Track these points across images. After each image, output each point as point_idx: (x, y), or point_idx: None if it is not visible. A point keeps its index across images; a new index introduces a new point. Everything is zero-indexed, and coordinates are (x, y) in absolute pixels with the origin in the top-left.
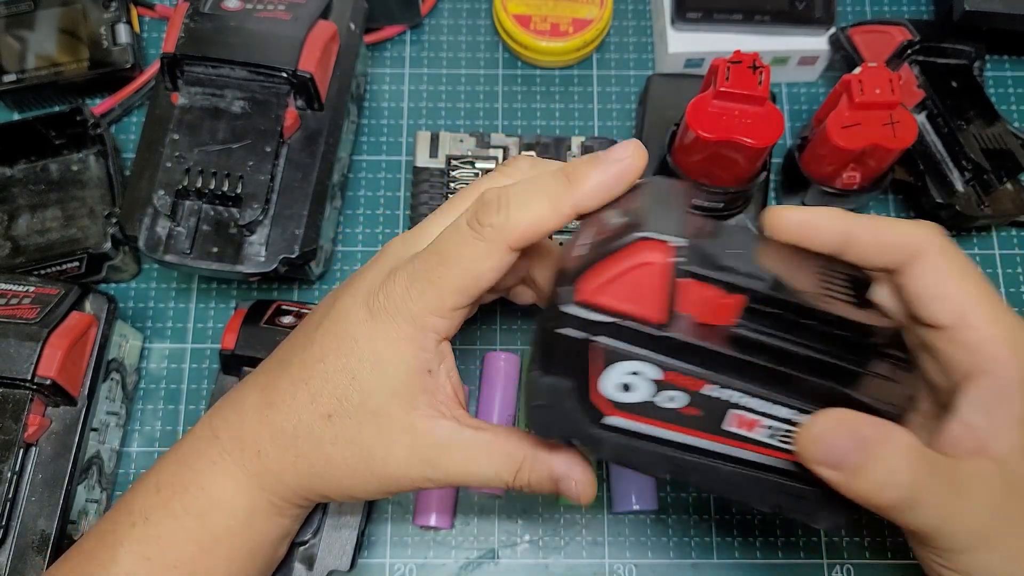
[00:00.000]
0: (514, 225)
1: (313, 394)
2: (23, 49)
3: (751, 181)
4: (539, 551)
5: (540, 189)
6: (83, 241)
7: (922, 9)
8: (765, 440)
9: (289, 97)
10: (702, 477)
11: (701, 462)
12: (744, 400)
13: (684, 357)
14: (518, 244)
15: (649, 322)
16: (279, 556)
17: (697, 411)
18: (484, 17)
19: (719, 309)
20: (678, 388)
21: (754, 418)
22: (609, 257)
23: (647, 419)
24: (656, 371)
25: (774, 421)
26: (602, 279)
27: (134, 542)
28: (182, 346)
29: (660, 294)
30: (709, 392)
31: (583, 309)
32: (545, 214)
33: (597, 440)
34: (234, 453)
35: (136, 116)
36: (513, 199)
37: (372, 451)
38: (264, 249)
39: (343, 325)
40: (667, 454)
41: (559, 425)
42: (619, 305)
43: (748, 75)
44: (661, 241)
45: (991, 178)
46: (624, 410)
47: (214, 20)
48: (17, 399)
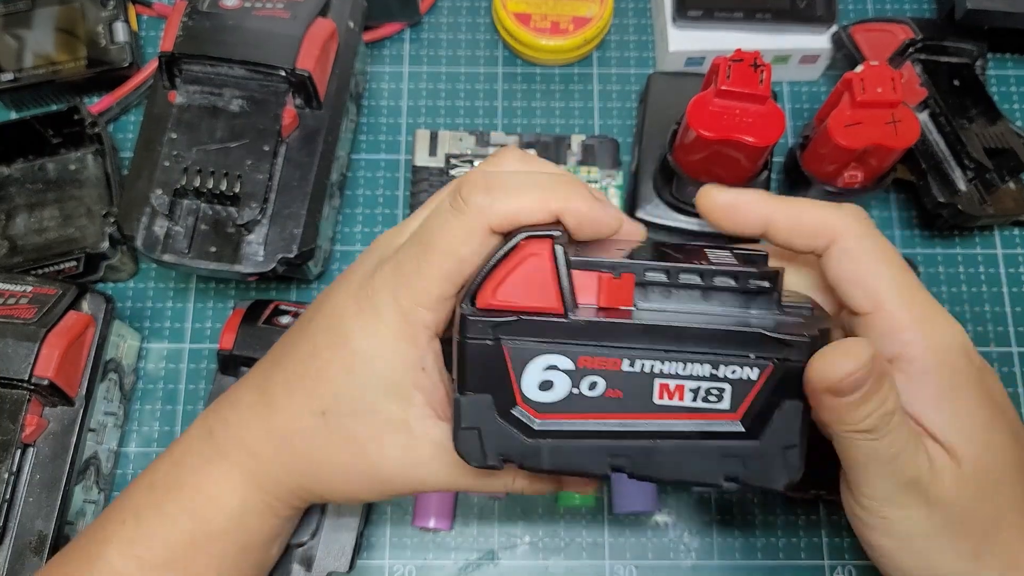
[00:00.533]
0: (499, 208)
1: (308, 391)
2: (20, 48)
3: (752, 180)
4: (539, 552)
5: (528, 182)
6: (81, 240)
7: (924, 7)
8: (698, 404)
9: (287, 96)
10: (647, 461)
11: (642, 446)
12: (664, 367)
13: (591, 339)
14: (500, 227)
15: (549, 312)
16: (273, 557)
17: (620, 393)
18: (484, 15)
19: (614, 291)
20: (595, 372)
21: (679, 383)
22: (501, 262)
23: (576, 414)
24: (568, 361)
25: (699, 382)
26: (496, 281)
27: (124, 541)
28: (180, 346)
29: (553, 284)
30: (627, 369)
31: (485, 314)
32: (531, 205)
33: (535, 451)
34: (229, 452)
35: (134, 115)
36: (503, 183)
37: (366, 450)
38: (262, 249)
39: (335, 320)
40: (606, 446)
41: (492, 445)
42: (517, 301)
43: (749, 73)
44: (545, 237)
45: (993, 177)
46: (551, 411)
47: (212, 18)
48: (14, 399)
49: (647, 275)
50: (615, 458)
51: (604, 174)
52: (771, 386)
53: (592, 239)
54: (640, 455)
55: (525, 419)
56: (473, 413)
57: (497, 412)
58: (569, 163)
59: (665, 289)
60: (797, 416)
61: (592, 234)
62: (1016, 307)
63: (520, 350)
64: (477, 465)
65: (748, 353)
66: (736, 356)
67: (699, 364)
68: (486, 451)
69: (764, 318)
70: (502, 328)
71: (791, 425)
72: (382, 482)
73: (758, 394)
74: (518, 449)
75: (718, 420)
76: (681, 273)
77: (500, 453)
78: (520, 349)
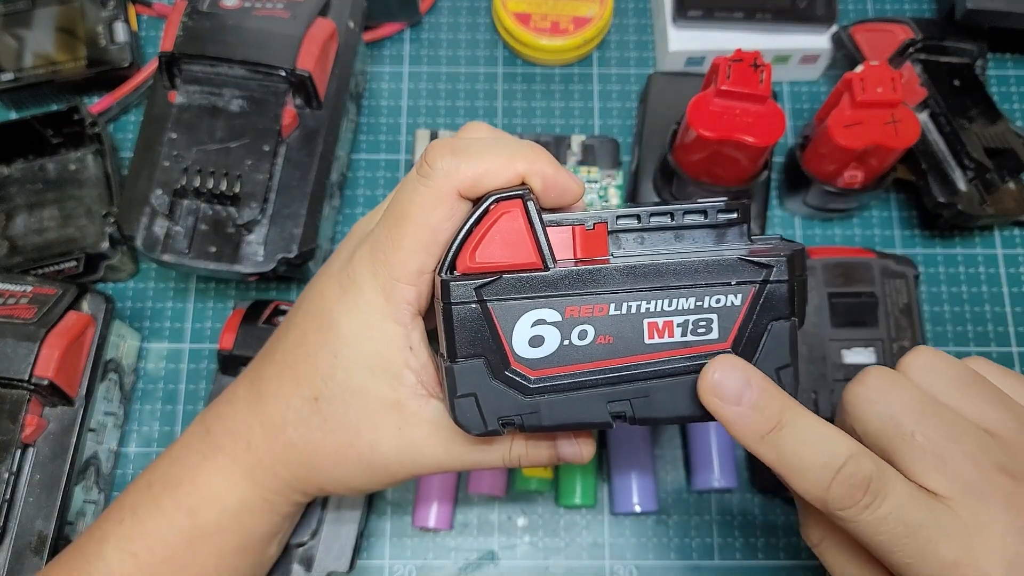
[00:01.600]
0: (466, 170)
1: (298, 378)
2: (20, 48)
3: (752, 180)
4: (539, 552)
5: (493, 146)
6: (81, 240)
7: (924, 7)
8: (688, 339)
9: (287, 95)
10: (646, 403)
11: (639, 388)
12: (650, 306)
13: (575, 288)
14: (468, 190)
15: (530, 267)
16: (271, 557)
17: (611, 338)
18: (484, 15)
19: (589, 242)
20: (584, 320)
21: (667, 320)
22: (474, 227)
23: (570, 365)
24: (556, 313)
25: (686, 315)
26: (473, 244)
27: (122, 538)
28: (180, 346)
29: (529, 239)
30: (615, 313)
31: (467, 279)
32: (497, 165)
33: (535, 409)
34: (226, 448)
35: (134, 115)
36: (468, 147)
37: (360, 434)
38: (262, 248)
39: (319, 306)
40: (603, 393)
41: (491, 409)
42: (496, 260)
43: (749, 73)
44: (515, 197)
45: (993, 177)
46: (545, 365)
47: (212, 18)
48: (14, 399)
49: (619, 223)
50: (614, 404)
51: (604, 174)
52: (756, 310)
53: (557, 205)
54: (638, 398)
55: (520, 378)
56: (467, 379)
57: (491, 375)
58: (569, 163)
59: (638, 235)
60: (786, 336)
61: (557, 198)
62: (1016, 307)
63: (506, 309)
64: (478, 433)
65: (730, 280)
66: (719, 284)
67: (684, 298)
68: (485, 417)
69: (738, 247)
70: (485, 289)
71: (781, 346)
72: (378, 466)
73: (745, 320)
74: (517, 410)
75: (710, 351)
76: (652, 216)
77: (500, 417)
78: (506, 308)
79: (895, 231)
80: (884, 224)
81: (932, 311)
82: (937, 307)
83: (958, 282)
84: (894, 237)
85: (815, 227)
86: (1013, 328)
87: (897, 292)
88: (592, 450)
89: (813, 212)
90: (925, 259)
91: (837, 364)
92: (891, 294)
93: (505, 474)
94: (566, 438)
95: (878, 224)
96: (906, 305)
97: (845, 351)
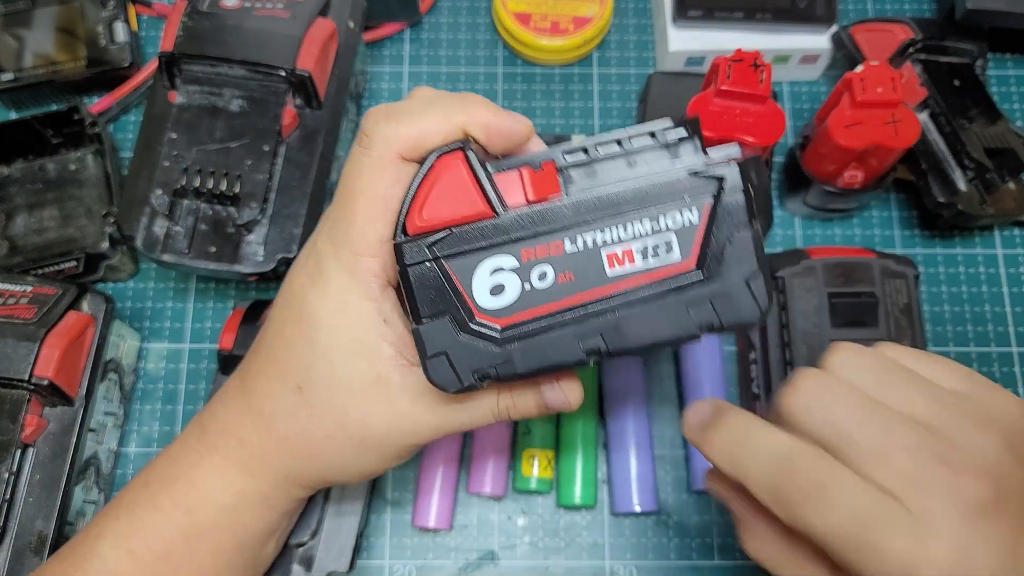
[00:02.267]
0: (404, 132)
1: (281, 370)
2: (20, 47)
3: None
4: (539, 552)
5: (430, 102)
6: (81, 240)
7: (924, 7)
8: (650, 264)
9: (287, 95)
10: (618, 335)
11: (609, 320)
12: (606, 236)
13: (527, 230)
14: (409, 152)
15: (479, 217)
16: (269, 555)
17: (572, 275)
18: (484, 15)
19: (539, 183)
20: (541, 262)
21: (625, 248)
22: (420, 187)
23: (535, 308)
24: (512, 259)
25: (644, 240)
26: (420, 204)
27: (118, 535)
28: (180, 346)
29: (475, 189)
30: (571, 249)
31: (419, 238)
32: (435, 123)
33: (507, 358)
34: (220, 446)
35: (134, 115)
36: (403, 109)
37: (348, 414)
38: (262, 248)
39: (292, 297)
40: (573, 331)
41: (465, 364)
42: (445, 216)
43: (749, 73)
44: (455, 149)
45: (993, 177)
46: (510, 313)
47: (212, 18)
48: (14, 399)
49: (567, 158)
50: (586, 340)
51: None
52: (715, 223)
53: (506, 150)
54: (610, 330)
55: (488, 329)
56: (435, 339)
57: (459, 331)
58: None
59: (588, 168)
60: (749, 244)
61: (504, 143)
62: (1016, 307)
63: (462, 262)
64: (455, 390)
65: (684, 197)
66: (673, 203)
67: (639, 221)
68: (459, 373)
69: (692, 163)
70: (438, 246)
71: (746, 255)
72: (372, 443)
73: (705, 234)
74: (490, 361)
75: (675, 272)
76: (599, 146)
77: (474, 370)
78: (462, 261)
79: (895, 231)
80: (884, 224)
81: (932, 311)
82: (937, 307)
83: (958, 282)
84: (894, 237)
85: (815, 227)
86: (1013, 328)
87: (897, 292)
88: (578, 395)
89: (813, 212)
90: (925, 259)
91: None
92: (891, 294)
93: (505, 474)
94: (548, 384)
95: (878, 224)
96: (906, 305)
97: None
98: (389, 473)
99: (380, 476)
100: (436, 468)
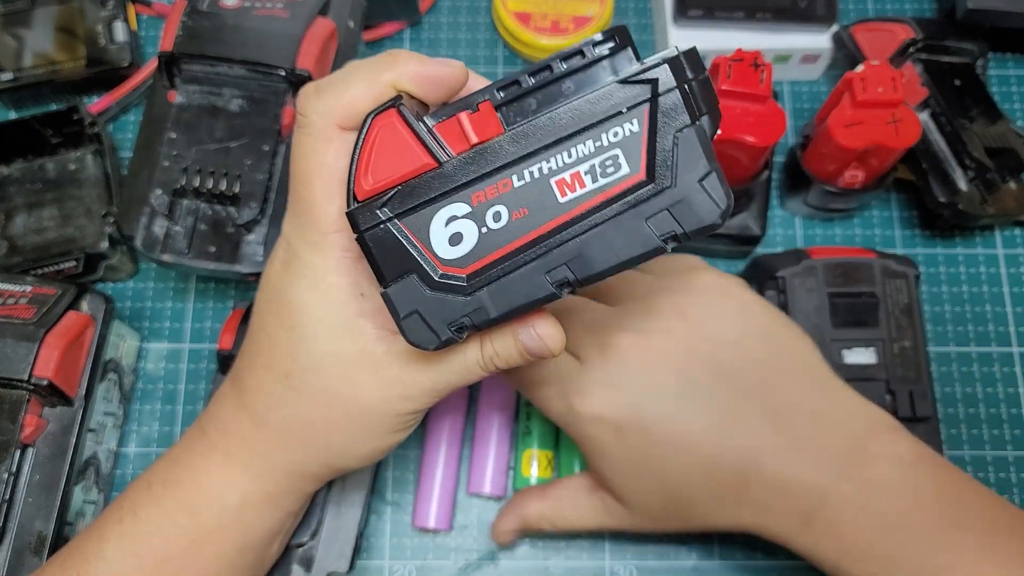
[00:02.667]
0: (334, 103)
1: (267, 362)
2: (20, 47)
3: (753, 180)
4: (539, 552)
5: (356, 68)
6: (80, 240)
7: (925, 7)
8: (601, 183)
9: (287, 95)
10: (583, 261)
11: (571, 248)
12: (551, 164)
13: (473, 174)
14: (345, 121)
15: (424, 170)
16: (272, 555)
17: (525, 210)
18: (484, 15)
19: (479, 124)
20: (493, 202)
21: (573, 172)
22: (360, 151)
23: (496, 250)
24: (464, 205)
25: (589, 160)
26: (363, 168)
27: (122, 537)
28: (179, 346)
29: (414, 142)
30: (520, 183)
31: (369, 202)
32: (363, 87)
33: (478, 304)
34: (221, 446)
35: (133, 114)
36: (330, 81)
37: (339, 392)
38: (262, 248)
39: (269, 287)
40: (538, 265)
41: (439, 319)
42: (390, 175)
43: (750, 73)
44: (388, 108)
45: (994, 177)
46: (473, 259)
47: (212, 18)
48: (14, 400)
49: (501, 95)
50: (552, 273)
51: None
52: (657, 128)
53: (445, 97)
54: (574, 259)
55: (454, 280)
56: (405, 299)
57: (426, 287)
58: None
59: (527, 100)
60: (695, 143)
61: (439, 91)
62: (1017, 307)
63: (416, 218)
64: (434, 347)
65: (620, 108)
66: (609, 117)
67: (581, 144)
68: (435, 328)
69: (627, 73)
70: (388, 206)
71: (694, 155)
72: (369, 417)
73: (648, 142)
74: (462, 311)
75: (627, 187)
76: (531, 76)
77: (449, 323)
78: (415, 217)
79: (896, 231)
80: (885, 224)
81: (933, 311)
82: (938, 307)
83: (959, 282)
84: (895, 237)
85: (816, 227)
86: (1014, 328)
87: (898, 292)
88: (556, 337)
89: (814, 212)
90: (926, 259)
91: (838, 364)
92: (892, 294)
93: (505, 474)
94: (522, 327)
95: (879, 224)
96: (907, 305)
97: (846, 351)
98: (389, 473)
99: (380, 477)
100: (436, 468)
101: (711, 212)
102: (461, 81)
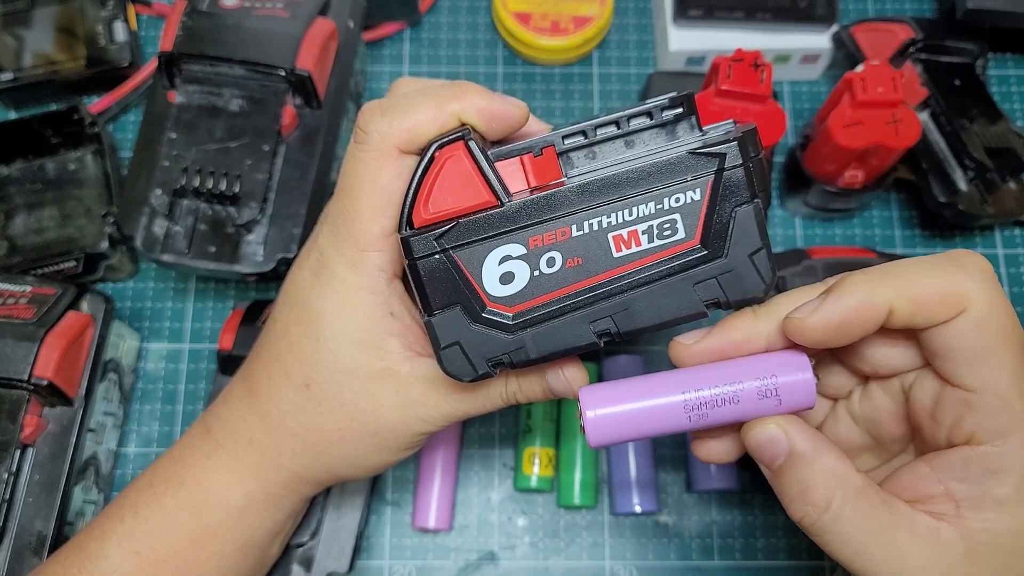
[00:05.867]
0: (399, 125)
1: (286, 368)
2: (20, 47)
3: None
4: (539, 553)
5: (423, 93)
6: (80, 240)
7: (925, 7)
8: (656, 244)
9: (287, 95)
10: (627, 316)
11: (618, 302)
12: (611, 219)
13: (534, 217)
14: (406, 145)
15: (484, 206)
16: (272, 556)
17: (580, 259)
18: (484, 15)
19: (541, 168)
20: (549, 248)
21: (631, 230)
22: (423, 179)
23: (545, 294)
24: (520, 247)
25: (649, 221)
26: (424, 197)
27: (123, 537)
28: (179, 346)
29: (479, 179)
30: (578, 233)
31: (425, 231)
32: (430, 113)
33: (520, 344)
34: (227, 446)
35: (133, 114)
36: (397, 103)
37: (359, 406)
38: (262, 248)
39: (296, 295)
40: (584, 314)
41: (479, 353)
42: (451, 207)
43: (750, 73)
44: (455, 139)
45: (994, 177)
46: (521, 300)
47: (212, 18)
48: (14, 400)
49: (566, 142)
50: (597, 323)
51: None
52: (717, 200)
53: (504, 134)
54: (619, 312)
55: (499, 317)
56: (448, 330)
57: (470, 320)
58: None
59: (588, 151)
60: (752, 220)
61: (501, 127)
62: (1017, 307)
63: (471, 252)
64: (470, 379)
65: (685, 176)
66: (674, 183)
67: (643, 204)
68: (473, 362)
69: (690, 140)
70: (445, 237)
71: (749, 230)
72: (384, 433)
73: (708, 212)
74: (503, 348)
75: (680, 251)
76: (597, 129)
77: (487, 359)
78: (470, 251)
79: (896, 231)
80: (885, 224)
81: None
82: None
83: None
84: (895, 237)
85: (816, 227)
86: None
87: None
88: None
89: (814, 212)
90: None
91: None
92: None
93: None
94: (552, 371)
95: (879, 224)
96: None
97: None
98: (389, 473)
99: (380, 477)
100: (436, 469)
101: (756, 285)
102: (522, 121)
